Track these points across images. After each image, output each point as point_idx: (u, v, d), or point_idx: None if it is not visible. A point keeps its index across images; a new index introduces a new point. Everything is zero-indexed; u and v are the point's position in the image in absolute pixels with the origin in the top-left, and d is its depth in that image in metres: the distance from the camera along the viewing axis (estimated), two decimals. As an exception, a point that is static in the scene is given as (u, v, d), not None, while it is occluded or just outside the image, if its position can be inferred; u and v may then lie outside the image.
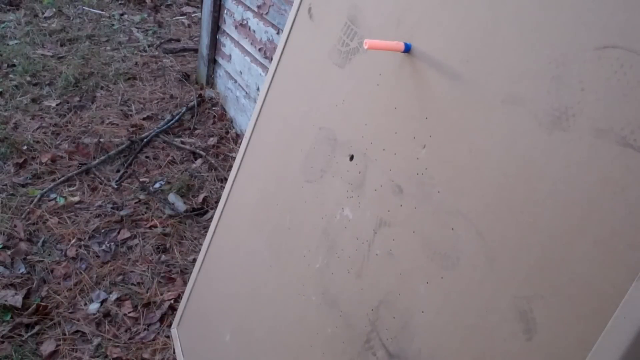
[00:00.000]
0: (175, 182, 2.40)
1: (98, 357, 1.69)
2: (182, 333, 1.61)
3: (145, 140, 2.64)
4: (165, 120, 2.83)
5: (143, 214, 2.23)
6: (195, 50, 3.53)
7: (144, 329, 1.79)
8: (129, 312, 1.84)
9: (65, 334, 1.74)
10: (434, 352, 0.79)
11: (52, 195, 2.28)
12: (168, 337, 1.75)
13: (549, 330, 0.64)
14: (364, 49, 0.94)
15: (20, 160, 2.44)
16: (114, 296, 1.88)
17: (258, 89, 2.58)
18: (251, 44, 2.63)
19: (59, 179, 2.36)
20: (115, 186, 2.36)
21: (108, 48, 3.51)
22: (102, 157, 2.51)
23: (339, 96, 1.07)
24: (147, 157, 2.58)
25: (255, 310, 1.25)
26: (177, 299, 1.87)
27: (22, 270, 1.93)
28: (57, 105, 2.87)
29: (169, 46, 3.67)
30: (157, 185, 2.40)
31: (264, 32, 2.49)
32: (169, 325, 1.78)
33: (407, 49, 0.90)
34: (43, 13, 3.88)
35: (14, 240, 2.04)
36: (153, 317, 1.83)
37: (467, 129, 0.78)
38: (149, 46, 3.64)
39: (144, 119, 2.85)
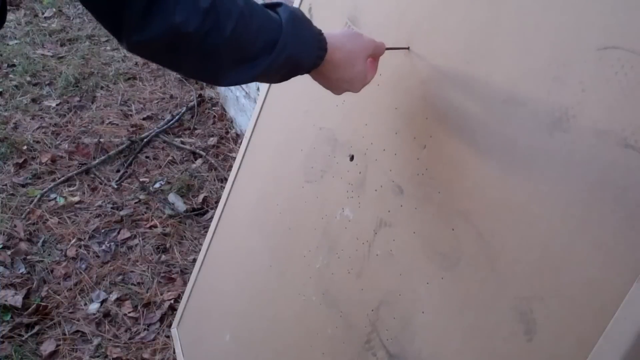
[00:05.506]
0: (175, 182, 2.40)
1: (98, 357, 1.69)
2: (182, 333, 1.61)
3: (145, 140, 2.64)
4: (165, 120, 2.83)
5: (143, 214, 2.23)
6: (195, 50, 3.53)
7: (144, 329, 1.79)
8: (129, 312, 1.84)
9: (65, 334, 1.74)
10: (434, 352, 0.79)
11: (52, 195, 2.28)
12: (168, 337, 1.75)
13: (549, 331, 0.64)
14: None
15: (20, 160, 2.43)
16: (114, 296, 1.88)
17: (258, 89, 2.58)
18: (251, 44, 2.63)
19: (59, 179, 2.36)
20: (115, 186, 2.36)
21: (108, 48, 3.51)
22: (102, 157, 2.51)
23: (340, 96, 1.07)
24: (147, 157, 2.58)
25: (255, 310, 1.25)
26: (177, 299, 1.87)
27: (22, 270, 1.93)
28: (57, 105, 2.87)
29: (169, 46, 3.66)
30: (157, 185, 2.40)
31: (264, 32, 2.48)
32: (169, 325, 1.78)
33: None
34: (43, 13, 3.88)
35: (14, 240, 2.04)
36: (153, 317, 1.83)
37: (468, 130, 0.78)
38: (149, 46, 3.63)
39: (144, 119, 2.85)
